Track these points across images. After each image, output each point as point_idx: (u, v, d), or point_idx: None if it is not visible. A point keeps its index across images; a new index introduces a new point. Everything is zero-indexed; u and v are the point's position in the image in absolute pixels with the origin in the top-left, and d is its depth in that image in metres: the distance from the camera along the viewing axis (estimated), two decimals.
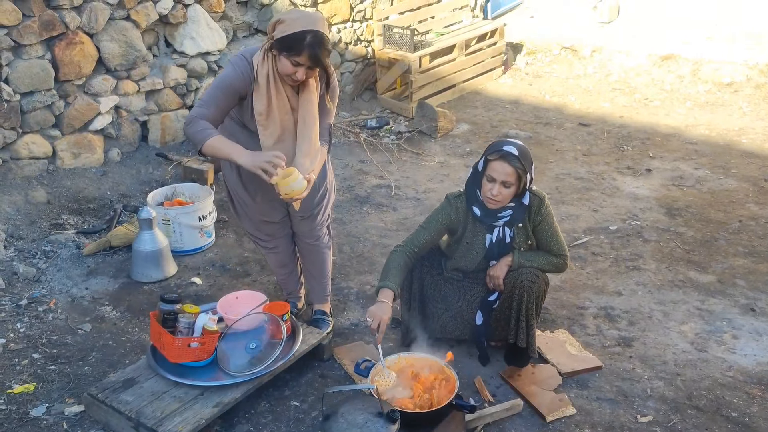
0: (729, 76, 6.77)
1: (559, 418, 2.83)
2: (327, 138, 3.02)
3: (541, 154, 5.49)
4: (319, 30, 2.70)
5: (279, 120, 2.84)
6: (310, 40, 2.68)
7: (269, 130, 2.84)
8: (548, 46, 7.71)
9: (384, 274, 2.96)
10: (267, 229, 3.23)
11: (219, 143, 2.74)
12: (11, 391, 2.93)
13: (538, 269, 2.99)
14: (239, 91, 2.81)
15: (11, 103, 4.31)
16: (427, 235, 3.06)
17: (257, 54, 2.80)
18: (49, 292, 3.67)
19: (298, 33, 2.67)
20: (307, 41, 2.67)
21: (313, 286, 3.39)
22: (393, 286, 2.90)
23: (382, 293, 2.88)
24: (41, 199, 4.41)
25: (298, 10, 2.82)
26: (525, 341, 2.98)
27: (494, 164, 2.85)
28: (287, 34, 2.69)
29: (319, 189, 3.09)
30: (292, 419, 2.83)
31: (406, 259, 3.00)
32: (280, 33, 2.71)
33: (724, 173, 5.14)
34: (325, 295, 3.38)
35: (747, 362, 3.18)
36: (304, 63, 2.72)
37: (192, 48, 5.22)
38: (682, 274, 3.89)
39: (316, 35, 2.69)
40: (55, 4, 4.39)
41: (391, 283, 2.90)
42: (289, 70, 2.74)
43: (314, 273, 3.33)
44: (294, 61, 2.71)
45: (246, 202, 3.12)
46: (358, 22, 6.59)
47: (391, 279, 2.92)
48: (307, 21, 2.71)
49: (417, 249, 3.04)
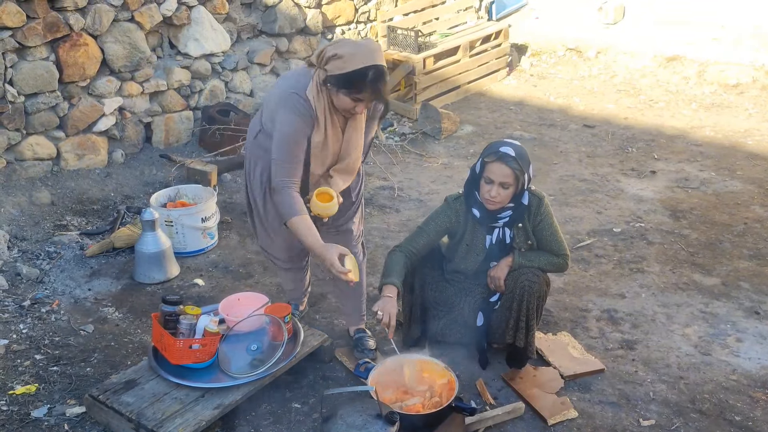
0: (735, 78, 6.74)
1: (560, 422, 2.81)
2: (366, 152, 2.99)
3: (545, 156, 5.48)
4: (379, 64, 2.59)
5: (331, 149, 2.80)
6: (373, 76, 2.57)
7: (320, 159, 2.80)
8: (553, 48, 7.69)
9: (386, 272, 2.97)
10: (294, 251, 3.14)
11: (301, 226, 2.67)
12: (13, 392, 2.94)
13: (538, 269, 2.98)
14: (308, 135, 2.72)
15: (15, 105, 4.33)
16: (426, 237, 3.06)
17: (310, 89, 2.67)
18: (52, 293, 3.68)
19: (360, 70, 2.56)
20: (370, 78, 2.57)
21: (348, 308, 3.27)
22: (397, 283, 2.91)
23: (387, 289, 2.89)
24: (45, 200, 4.42)
25: (351, 42, 2.66)
26: (524, 341, 2.97)
27: (491, 166, 2.84)
28: (347, 72, 2.57)
29: (356, 201, 3.06)
30: (292, 421, 2.83)
31: (405, 260, 3.01)
32: (338, 70, 2.58)
33: (730, 175, 5.12)
34: (361, 315, 3.28)
35: (751, 366, 3.16)
36: (365, 99, 2.63)
37: (196, 49, 5.23)
38: (686, 277, 3.87)
39: (377, 70, 2.58)
40: (59, 5, 4.40)
41: (394, 280, 2.91)
42: (348, 105, 2.66)
43: (351, 294, 3.19)
44: (355, 98, 2.62)
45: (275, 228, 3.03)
46: (362, 23, 6.60)
47: (395, 276, 2.93)
48: (366, 55, 2.58)
49: (415, 251, 3.04)
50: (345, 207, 2.99)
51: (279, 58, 5.96)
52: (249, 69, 5.73)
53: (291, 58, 6.04)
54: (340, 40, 2.75)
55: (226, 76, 5.55)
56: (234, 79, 5.61)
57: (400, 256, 3.01)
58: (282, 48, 5.91)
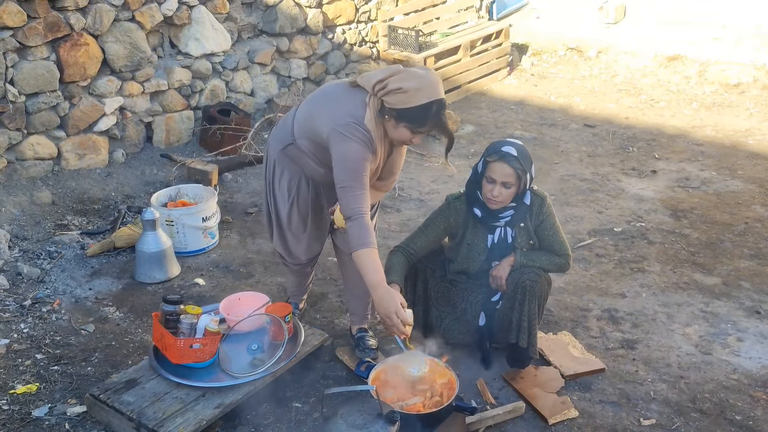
0: (736, 77, 6.74)
1: (561, 421, 2.81)
2: None
3: (546, 156, 5.48)
4: (442, 98, 2.59)
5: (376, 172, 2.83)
6: (436, 110, 2.57)
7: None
8: (554, 47, 7.69)
9: (387, 271, 2.94)
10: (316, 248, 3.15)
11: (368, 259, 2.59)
12: (14, 391, 2.94)
13: (540, 269, 2.98)
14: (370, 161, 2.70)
15: (16, 105, 4.33)
16: (425, 239, 3.07)
17: (368, 119, 2.63)
18: (53, 292, 3.69)
19: (425, 105, 2.55)
20: (433, 112, 2.57)
21: (354, 307, 3.24)
22: (399, 281, 2.92)
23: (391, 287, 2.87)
24: (46, 200, 4.42)
25: (415, 76, 2.58)
26: (526, 341, 2.97)
27: (493, 165, 2.84)
28: (411, 107, 2.55)
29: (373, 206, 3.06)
30: (293, 421, 2.83)
31: (405, 260, 3.02)
32: (401, 104, 2.56)
33: (731, 175, 5.11)
34: (366, 315, 3.27)
35: (752, 365, 3.16)
36: (426, 132, 2.65)
37: (197, 49, 5.24)
38: (687, 276, 3.87)
39: (440, 104, 2.57)
40: (60, 5, 4.41)
41: (397, 278, 2.92)
42: (408, 137, 2.66)
43: (358, 292, 3.15)
44: (416, 131, 2.63)
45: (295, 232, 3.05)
46: (362, 23, 6.59)
47: (396, 275, 2.93)
48: (429, 90, 2.55)
49: (413, 252, 3.05)
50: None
51: (280, 58, 5.96)
52: (250, 69, 5.73)
53: (291, 58, 6.04)
54: (402, 70, 2.65)
55: (227, 76, 5.55)
56: (235, 78, 5.61)
57: (400, 257, 3.02)
58: (283, 48, 5.91)
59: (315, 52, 6.19)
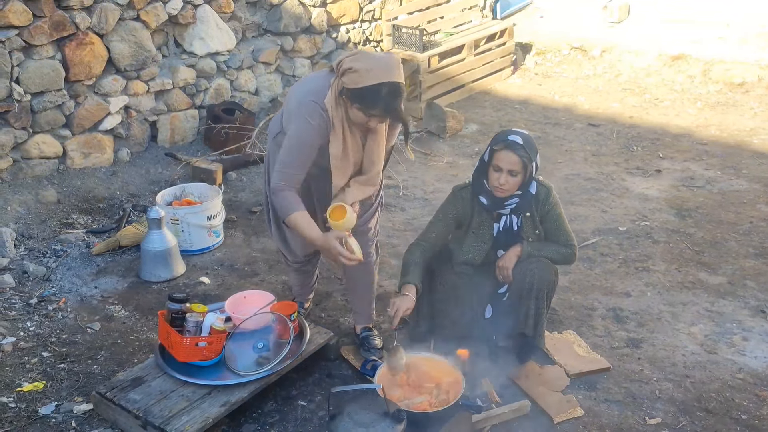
0: (740, 77, 6.72)
1: (566, 420, 2.81)
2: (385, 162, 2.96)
3: (550, 155, 5.47)
4: (395, 81, 2.54)
5: (352, 159, 2.79)
6: (387, 93, 2.53)
7: (341, 171, 2.78)
8: (557, 47, 7.69)
9: (404, 271, 2.99)
10: (309, 249, 3.15)
11: (300, 221, 2.68)
12: (21, 389, 2.95)
13: (547, 259, 2.99)
14: (320, 144, 2.70)
15: (22, 104, 4.34)
16: (437, 228, 3.09)
17: (328, 97, 2.64)
18: (58, 290, 3.70)
19: (373, 86, 2.51)
20: (383, 95, 2.52)
21: (358, 307, 3.25)
22: (416, 281, 2.93)
23: (405, 288, 2.92)
24: (51, 198, 4.43)
25: (369, 56, 2.61)
26: (532, 330, 2.97)
27: (500, 154, 2.87)
28: (360, 87, 2.52)
29: (374, 203, 3.06)
30: (299, 419, 2.83)
31: (421, 255, 3.03)
32: (352, 84, 2.55)
33: (735, 174, 5.11)
34: (370, 315, 3.27)
35: (757, 364, 3.16)
36: (378, 115, 2.60)
37: (201, 48, 5.24)
38: (692, 276, 3.87)
39: (392, 87, 2.53)
40: (65, 4, 4.42)
41: (413, 279, 2.94)
42: (362, 120, 2.63)
43: (361, 293, 3.20)
44: (368, 114, 2.59)
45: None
46: (366, 22, 6.60)
47: (412, 275, 2.95)
48: (382, 71, 2.52)
49: (429, 244, 3.07)
50: (363, 209, 3.00)
51: (284, 57, 5.97)
52: (254, 68, 5.73)
53: (296, 57, 6.04)
54: (359, 52, 2.69)
55: (231, 75, 5.56)
56: (239, 77, 5.61)
57: (416, 253, 3.04)
58: (287, 47, 5.92)
59: (319, 51, 6.20)
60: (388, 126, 2.85)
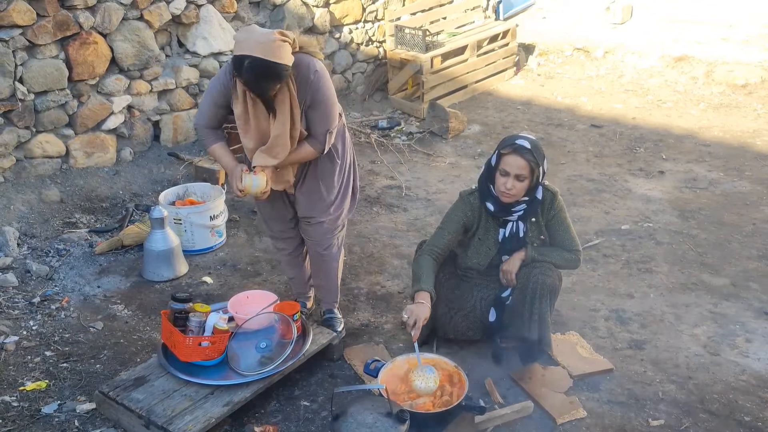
0: (743, 78, 6.72)
1: (569, 421, 2.81)
2: (320, 143, 2.93)
3: (553, 156, 5.47)
4: (258, 56, 2.57)
5: (258, 127, 2.85)
6: (248, 66, 2.60)
7: (248, 135, 2.89)
8: (560, 47, 7.68)
9: (416, 278, 2.94)
10: (275, 227, 3.26)
11: (218, 151, 2.99)
12: (23, 388, 2.95)
13: (551, 264, 2.99)
14: (223, 100, 2.87)
15: (25, 103, 4.34)
16: (447, 234, 3.06)
17: None
18: (61, 290, 3.70)
19: (238, 57, 2.62)
20: (245, 67, 2.60)
21: (321, 289, 3.37)
22: (429, 289, 2.88)
23: (419, 296, 2.86)
24: (54, 198, 4.44)
25: (251, 29, 2.72)
26: (537, 333, 2.97)
27: (507, 158, 2.86)
28: (234, 55, 2.65)
29: (327, 197, 3.07)
30: (301, 419, 2.83)
31: (433, 261, 3.00)
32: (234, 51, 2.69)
33: (738, 175, 5.10)
34: (333, 298, 3.36)
35: (760, 366, 3.15)
36: (246, 86, 2.70)
37: (204, 48, 5.24)
38: (695, 277, 3.86)
39: (253, 62, 2.58)
40: (69, 4, 4.42)
41: (426, 286, 2.89)
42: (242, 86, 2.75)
43: (322, 278, 3.31)
44: (239, 80, 2.71)
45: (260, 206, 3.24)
46: (369, 22, 6.60)
47: (425, 282, 2.90)
48: (249, 45, 2.60)
49: (440, 250, 3.04)
50: (313, 200, 3.04)
51: None
52: None
53: None
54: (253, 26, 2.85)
55: None
56: None
57: (427, 259, 2.99)
58: None
59: (322, 51, 6.20)
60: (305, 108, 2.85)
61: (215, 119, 2.96)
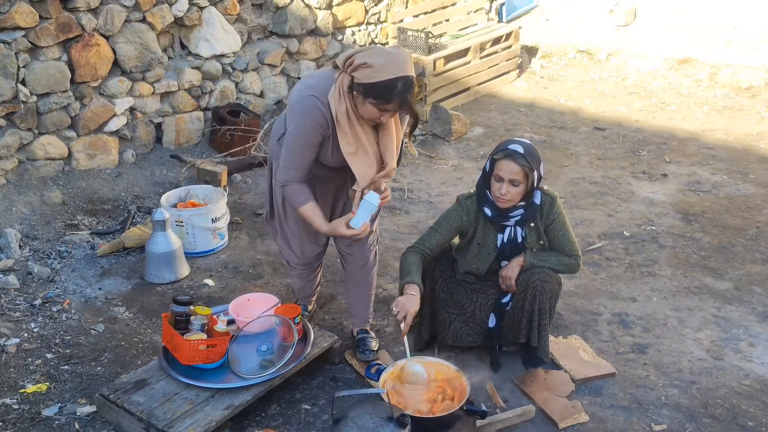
0: (747, 81, 6.70)
1: (571, 425, 2.80)
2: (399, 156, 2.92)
3: (556, 158, 5.46)
4: (409, 75, 2.55)
5: (370, 151, 2.75)
6: (402, 87, 2.53)
7: (361, 160, 2.73)
8: (563, 50, 7.67)
9: (405, 272, 2.94)
10: (310, 253, 3.15)
11: (309, 213, 2.78)
12: (24, 390, 2.95)
13: (550, 269, 2.97)
14: (320, 141, 2.71)
15: (28, 105, 4.35)
16: (438, 237, 3.05)
17: (332, 93, 2.63)
18: (63, 292, 3.70)
19: (389, 81, 2.52)
20: (398, 89, 2.53)
21: (356, 310, 3.24)
22: (418, 281, 2.88)
23: (409, 287, 2.85)
24: (56, 199, 4.44)
25: (382, 51, 2.59)
26: (537, 340, 2.96)
27: (500, 163, 2.85)
28: (376, 82, 2.52)
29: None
30: (302, 422, 2.82)
31: (420, 259, 3.00)
32: (367, 79, 2.54)
33: (742, 179, 5.08)
34: (367, 318, 3.26)
35: (764, 371, 3.14)
36: (392, 110, 2.61)
37: (207, 50, 5.25)
38: (698, 281, 3.84)
39: (407, 81, 2.54)
40: (72, 6, 4.42)
41: (415, 278, 2.88)
42: (374, 115, 2.62)
43: (359, 296, 3.20)
44: (382, 108, 2.58)
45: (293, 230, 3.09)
46: (372, 24, 6.59)
47: (415, 274, 2.90)
48: (396, 66, 2.53)
49: (428, 250, 3.03)
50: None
51: (289, 59, 5.97)
52: (259, 70, 5.73)
53: (301, 59, 6.04)
54: (372, 47, 2.70)
55: (237, 77, 5.56)
56: (244, 79, 5.62)
57: (415, 256, 3.00)
58: (292, 49, 5.92)
59: (324, 53, 6.20)
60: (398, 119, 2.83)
61: (307, 166, 2.75)
